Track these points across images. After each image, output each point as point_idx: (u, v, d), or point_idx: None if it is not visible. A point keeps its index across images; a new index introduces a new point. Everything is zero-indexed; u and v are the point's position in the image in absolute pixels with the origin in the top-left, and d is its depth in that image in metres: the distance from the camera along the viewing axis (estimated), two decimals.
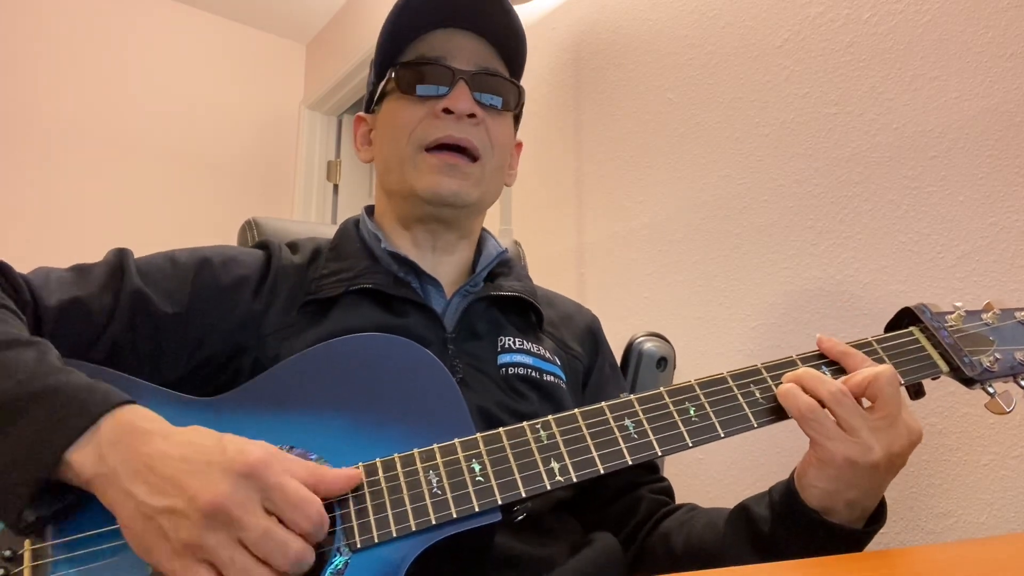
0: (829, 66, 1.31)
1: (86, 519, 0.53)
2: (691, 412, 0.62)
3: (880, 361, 0.65)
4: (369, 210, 0.92)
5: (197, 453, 0.50)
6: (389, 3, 0.83)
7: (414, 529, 0.55)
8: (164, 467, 0.50)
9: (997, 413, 0.66)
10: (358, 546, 0.54)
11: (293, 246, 0.86)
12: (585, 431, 0.61)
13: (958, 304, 0.71)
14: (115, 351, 0.69)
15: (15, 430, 0.51)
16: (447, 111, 0.80)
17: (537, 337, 0.86)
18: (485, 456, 0.59)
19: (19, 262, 0.70)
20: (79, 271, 0.73)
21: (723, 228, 1.47)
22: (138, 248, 0.79)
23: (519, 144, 0.96)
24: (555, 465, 0.59)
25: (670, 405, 0.62)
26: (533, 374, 0.80)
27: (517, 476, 0.58)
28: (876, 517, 0.63)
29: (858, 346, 0.66)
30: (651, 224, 1.63)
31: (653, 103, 1.66)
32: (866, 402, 0.61)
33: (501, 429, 0.61)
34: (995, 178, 1.07)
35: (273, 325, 0.76)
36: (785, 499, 0.63)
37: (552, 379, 0.81)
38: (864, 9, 1.27)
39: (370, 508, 0.56)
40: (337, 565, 0.54)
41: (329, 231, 0.90)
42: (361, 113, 0.94)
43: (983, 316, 0.70)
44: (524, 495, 0.57)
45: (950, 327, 0.69)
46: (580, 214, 1.83)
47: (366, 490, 0.57)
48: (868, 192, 1.23)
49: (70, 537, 0.53)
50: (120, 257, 0.74)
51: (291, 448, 0.60)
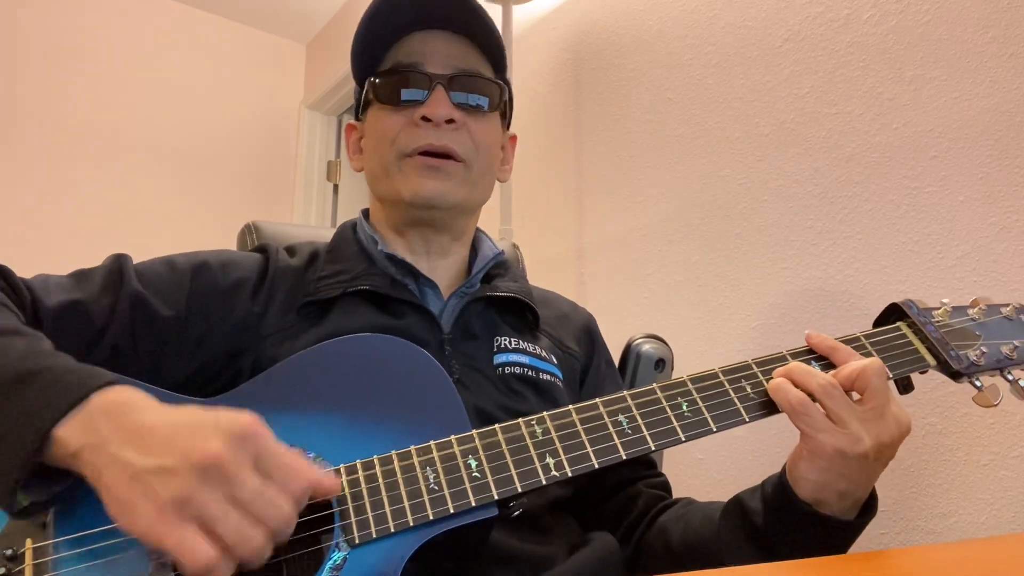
0: (829, 66, 1.31)
1: (88, 517, 0.53)
2: (683, 407, 0.63)
3: (868, 356, 0.66)
4: (366, 213, 0.92)
5: (189, 417, 0.50)
6: None
7: (412, 525, 0.55)
8: (155, 431, 0.49)
9: (984, 406, 0.67)
10: (356, 542, 0.55)
11: (291, 250, 0.86)
12: (579, 426, 0.61)
13: (945, 300, 0.72)
14: (115, 354, 0.69)
15: (1, 412, 0.51)
16: (425, 119, 0.80)
17: (534, 337, 0.86)
18: (481, 452, 0.59)
19: (18, 262, 0.70)
20: (78, 276, 0.73)
21: (723, 228, 1.47)
22: (138, 248, 0.79)
23: (513, 138, 0.96)
24: (550, 460, 0.59)
25: (663, 400, 0.63)
26: (530, 373, 0.80)
27: (513, 471, 0.58)
28: (868, 508, 0.64)
29: (846, 341, 0.67)
30: (651, 224, 1.63)
31: (653, 103, 1.66)
32: (855, 395, 0.62)
33: (497, 426, 0.61)
34: (995, 178, 1.07)
35: (271, 327, 0.76)
36: (777, 492, 0.64)
37: (549, 378, 0.81)
38: (864, 9, 1.27)
39: (368, 504, 0.56)
40: (336, 561, 0.54)
41: (328, 235, 0.90)
42: (352, 121, 0.94)
43: (969, 311, 0.72)
44: (520, 490, 0.57)
45: (937, 322, 0.70)
46: (580, 214, 1.83)
47: (363, 486, 0.57)
48: (868, 192, 1.23)
49: (71, 535, 0.53)
50: (119, 261, 0.74)
51: (289, 447, 0.60)
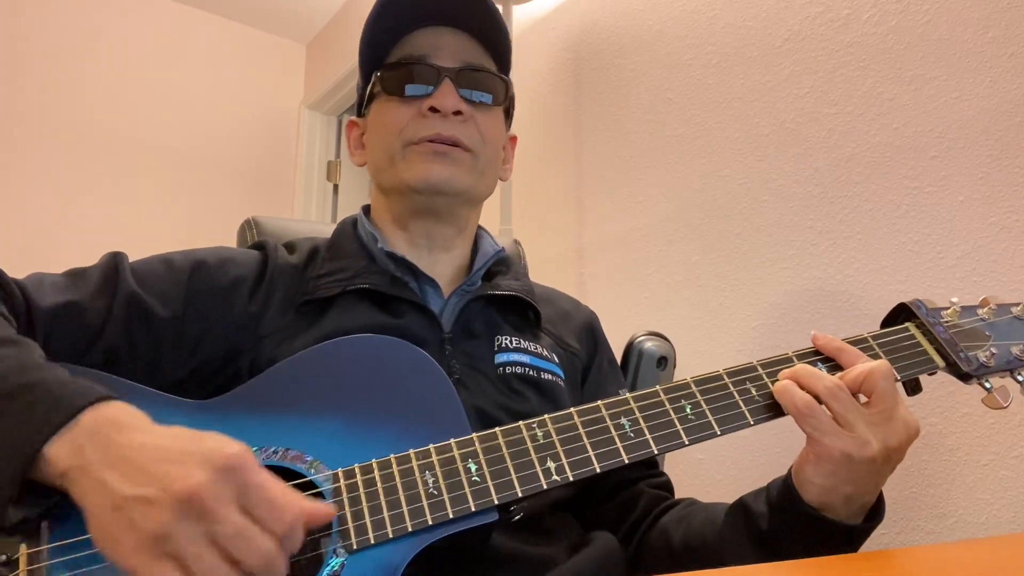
0: (829, 66, 1.31)
1: (81, 523, 0.52)
2: (687, 410, 0.62)
3: (876, 357, 0.65)
4: (366, 210, 0.91)
5: (176, 443, 0.49)
6: None
7: (411, 530, 0.55)
8: (140, 456, 0.47)
9: (994, 408, 0.66)
10: (355, 547, 0.54)
11: (290, 246, 0.85)
12: (581, 430, 0.60)
13: (954, 300, 0.70)
14: (112, 354, 0.69)
15: None
16: (433, 110, 0.80)
17: (535, 335, 0.86)
18: (481, 456, 0.58)
19: (17, 263, 0.70)
20: (73, 275, 0.72)
21: (723, 228, 1.47)
22: (138, 248, 0.79)
23: (513, 138, 0.96)
24: (551, 464, 0.58)
25: (666, 403, 0.62)
26: (531, 373, 0.79)
27: (514, 476, 0.58)
28: (875, 512, 0.63)
29: (854, 342, 0.66)
30: (651, 224, 1.63)
31: (653, 103, 1.66)
32: (862, 398, 0.61)
33: (497, 429, 0.60)
34: (995, 178, 1.07)
35: (270, 327, 0.75)
36: (783, 495, 0.63)
37: (550, 377, 0.81)
38: (864, 9, 1.27)
39: (366, 509, 0.56)
40: (334, 567, 0.54)
41: (329, 230, 0.90)
42: (353, 118, 0.93)
43: (979, 311, 0.70)
44: (521, 495, 0.57)
45: (946, 322, 0.68)
46: (580, 214, 1.83)
47: (362, 491, 0.57)
48: (868, 192, 1.22)
49: (66, 541, 0.52)
50: (115, 261, 0.73)
51: (287, 450, 0.60)
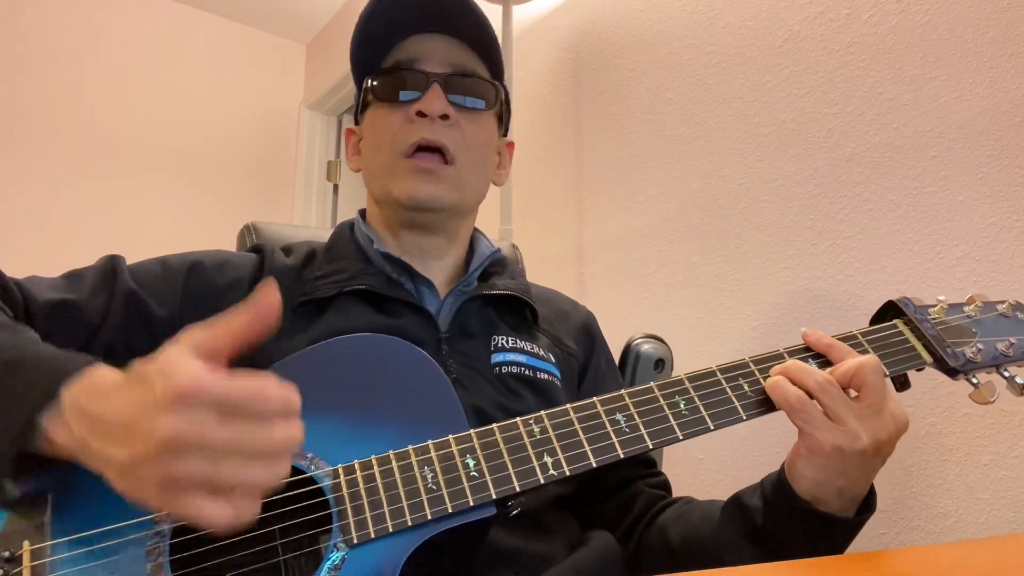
0: (829, 66, 1.31)
1: (85, 518, 0.53)
2: (681, 406, 0.63)
3: (865, 353, 0.66)
4: (363, 213, 0.92)
5: (136, 393, 0.46)
6: None
7: (410, 524, 0.55)
8: (117, 418, 0.47)
9: (981, 403, 0.67)
10: (355, 542, 0.55)
11: (287, 249, 0.86)
12: (577, 425, 0.61)
13: (941, 297, 0.72)
14: (109, 353, 0.69)
15: None
16: (420, 114, 0.81)
17: (532, 335, 0.86)
18: (479, 451, 0.59)
19: (18, 262, 0.70)
20: (71, 276, 0.73)
21: (723, 228, 1.47)
22: (137, 248, 0.79)
23: (511, 144, 0.96)
24: (548, 459, 0.59)
25: (660, 399, 0.63)
26: (527, 372, 0.80)
27: (511, 470, 0.58)
28: (867, 505, 0.64)
29: (843, 339, 0.67)
30: (651, 224, 1.63)
31: (653, 103, 1.66)
32: (853, 392, 0.62)
33: (495, 425, 0.61)
34: (995, 178, 1.07)
35: None
36: (777, 490, 0.64)
37: (546, 377, 0.81)
38: (864, 9, 1.27)
39: (366, 504, 0.56)
40: (334, 561, 0.54)
41: (327, 236, 0.91)
42: (350, 126, 0.95)
43: (965, 308, 0.72)
44: (518, 489, 0.57)
45: (933, 319, 0.70)
46: (580, 214, 1.83)
47: (362, 486, 0.57)
48: (868, 192, 1.23)
49: (69, 537, 0.53)
50: (112, 262, 0.74)
51: None
